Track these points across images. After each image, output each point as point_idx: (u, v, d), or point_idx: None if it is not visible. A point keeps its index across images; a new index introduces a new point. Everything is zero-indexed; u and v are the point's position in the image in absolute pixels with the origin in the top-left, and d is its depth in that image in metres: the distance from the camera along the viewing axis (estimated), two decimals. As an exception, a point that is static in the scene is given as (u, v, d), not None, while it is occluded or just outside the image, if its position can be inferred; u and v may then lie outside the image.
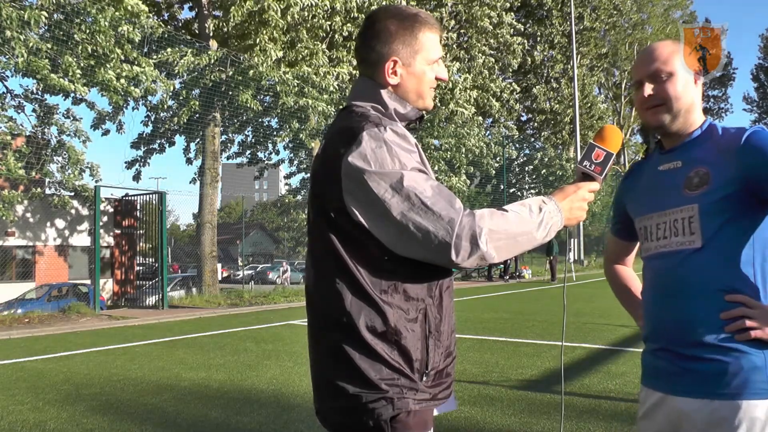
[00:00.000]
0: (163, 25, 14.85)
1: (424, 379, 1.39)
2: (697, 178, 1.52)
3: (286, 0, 15.71)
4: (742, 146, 1.47)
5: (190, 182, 18.47)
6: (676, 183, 1.57)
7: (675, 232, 1.54)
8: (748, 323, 1.43)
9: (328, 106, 17.08)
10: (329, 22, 17.82)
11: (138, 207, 17.64)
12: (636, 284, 1.88)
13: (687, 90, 1.58)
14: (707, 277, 1.48)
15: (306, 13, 16.69)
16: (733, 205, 1.47)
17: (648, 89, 1.57)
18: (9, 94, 14.37)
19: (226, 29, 16.20)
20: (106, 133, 16.51)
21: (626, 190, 1.77)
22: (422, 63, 1.49)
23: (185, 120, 15.76)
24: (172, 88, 14.81)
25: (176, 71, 14.79)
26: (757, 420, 1.41)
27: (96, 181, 14.48)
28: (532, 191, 32.88)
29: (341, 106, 1.64)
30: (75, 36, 12.39)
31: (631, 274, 1.92)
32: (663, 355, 1.56)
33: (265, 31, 15.84)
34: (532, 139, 35.46)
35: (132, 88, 13.09)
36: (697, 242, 1.50)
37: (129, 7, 12.81)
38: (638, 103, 1.62)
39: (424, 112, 1.55)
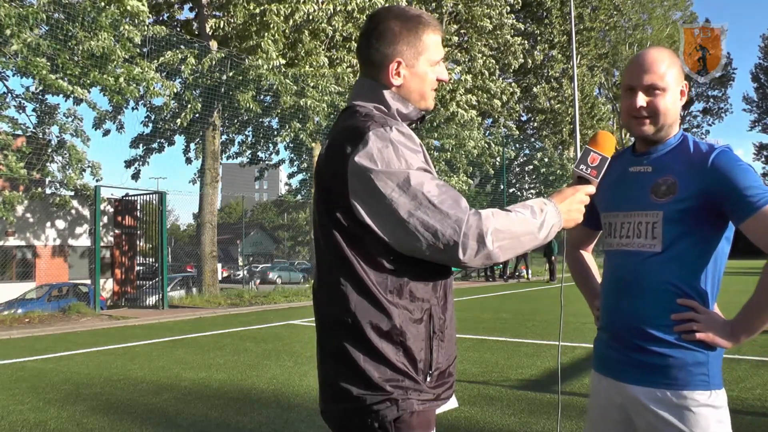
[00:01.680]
0: (165, 28, 14.84)
1: (428, 379, 1.40)
2: (665, 186, 1.64)
3: (290, 5, 15.72)
4: (708, 166, 1.58)
5: (190, 182, 18.46)
6: (644, 187, 1.68)
7: (638, 234, 1.67)
8: (695, 326, 1.58)
9: (328, 107, 17.08)
10: (331, 26, 17.81)
11: (138, 207, 17.65)
12: (594, 271, 2.03)
13: (675, 105, 1.67)
14: (663, 279, 1.62)
15: (309, 17, 16.69)
16: (695, 217, 1.59)
17: (641, 100, 1.65)
18: (9, 94, 14.38)
19: (227, 29, 16.19)
20: (106, 133, 16.53)
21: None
22: (425, 64, 1.50)
23: (188, 121, 15.72)
24: (174, 90, 14.80)
25: (183, 72, 14.79)
26: (698, 407, 1.57)
27: (97, 181, 14.49)
28: (532, 191, 32.86)
29: (341, 106, 1.65)
30: (75, 35, 12.39)
31: (591, 261, 2.07)
32: (616, 345, 1.71)
33: (266, 34, 15.85)
34: (532, 139, 35.44)
35: (132, 86, 13.07)
36: (658, 247, 1.63)
37: (129, 8, 12.81)
38: (627, 109, 1.70)
39: (424, 112, 1.56)
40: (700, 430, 1.55)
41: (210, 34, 16.61)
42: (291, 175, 23.29)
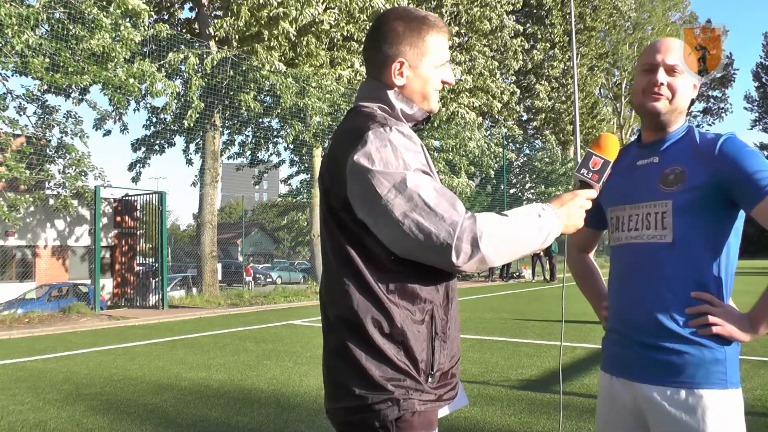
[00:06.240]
0: (166, 28, 14.83)
1: (430, 380, 1.40)
2: (672, 175, 1.59)
3: (296, 9, 15.73)
4: (716, 153, 1.55)
5: (192, 185, 18.43)
6: (652, 178, 1.63)
7: (647, 225, 1.62)
8: (711, 320, 1.53)
9: (329, 107, 17.08)
10: (333, 28, 17.80)
11: (138, 207, 17.65)
12: (598, 275, 1.97)
13: (688, 92, 1.65)
14: (675, 271, 1.57)
15: (314, 19, 16.68)
16: (705, 206, 1.55)
17: (662, 77, 1.61)
18: (10, 95, 14.37)
19: (231, 29, 16.16)
20: (107, 133, 16.53)
21: None
22: (428, 65, 1.50)
23: (192, 123, 15.67)
24: (175, 90, 14.78)
25: (185, 71, 14.79)
26: (715, 407, 1.51)
27: (104, 182, 14.48)
28: (532, 191, 32.83)
29: (342, 106, 1.65)
30: (76, 34, 12.37)
31: (594, 264, 2.01)
32: (628, 344, 1.65)
33: (270, 35, 15.83)
34: (533, 139, 35.41)
35: (133, 82, 13.05)
36: (668, 237, 1.58)
37: (130, 6, 12.81)
38: (645, 85, 1.64)
39: (429, 113, 1.56)
40: (715, 430, 1.50)
41: (212, 34, 16.59)
42: (288, 177, 23.26)
